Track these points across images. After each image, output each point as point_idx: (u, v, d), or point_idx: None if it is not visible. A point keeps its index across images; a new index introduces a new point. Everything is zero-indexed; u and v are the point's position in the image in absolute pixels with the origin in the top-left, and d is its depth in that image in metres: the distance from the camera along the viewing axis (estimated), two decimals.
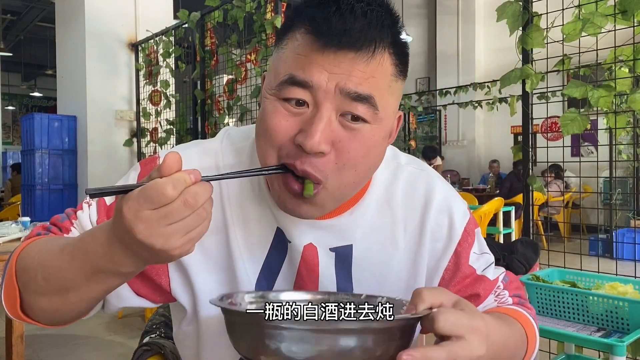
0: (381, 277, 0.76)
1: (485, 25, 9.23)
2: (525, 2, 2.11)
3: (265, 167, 0.64)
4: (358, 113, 0.61)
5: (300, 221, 0.71)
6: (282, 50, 0.65)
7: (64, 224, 0.76)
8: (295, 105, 0.62)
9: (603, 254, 4.94)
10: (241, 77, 3.76)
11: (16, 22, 10.34)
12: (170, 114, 4.76)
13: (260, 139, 0.65)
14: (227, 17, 3.68)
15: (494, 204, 4.39)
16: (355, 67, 0.60)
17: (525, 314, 0.76)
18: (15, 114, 14.30)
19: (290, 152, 0.62)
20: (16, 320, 2.37)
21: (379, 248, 0.76)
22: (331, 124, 0.61)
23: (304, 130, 0.61)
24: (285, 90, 0.62)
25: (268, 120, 0.63)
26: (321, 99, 0.60)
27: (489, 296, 0.79)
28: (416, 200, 0.78)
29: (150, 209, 0.49)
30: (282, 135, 0.62)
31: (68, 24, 5.17)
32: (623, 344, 1.25)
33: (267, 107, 0.64)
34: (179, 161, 0.51)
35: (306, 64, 0.61)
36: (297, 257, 0.74)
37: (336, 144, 0.61)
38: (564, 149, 2.24)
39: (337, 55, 0.60)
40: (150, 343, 0.99)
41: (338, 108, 0.61)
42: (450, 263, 0.77)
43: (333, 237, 0.74)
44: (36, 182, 4.76)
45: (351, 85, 0.60)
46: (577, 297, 1.44)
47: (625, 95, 1.97)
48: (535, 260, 2.12)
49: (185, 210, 0.49)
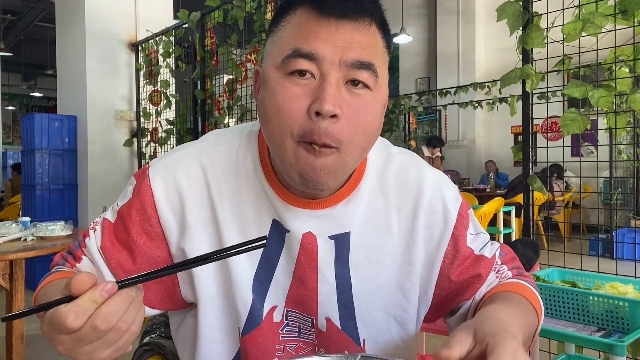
0: (377, 262, 0.78)
1: (486, 25, 9.22)
2: (525, 2, 2.11)
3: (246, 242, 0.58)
4: (361, 79, 0.65)
5: (299, 211, 0.74)
6: (280, 31, 0.69)
7: (76, 252, 0.78)
8: (300, 77, 0.64)
9: (603, 254, 4.94)
10: (241, 77, 3.76)
11: (16, 22, 10.34)
12: (171, 114, 4.76)
13: (272, 121, 0.66)
14: (227, 17, 3.68)
15: (494, 204, 4.38)
16: (354, 38, 0.65)
17: (528, 287, 0.80)
18: (15, 114, 14.30)
19: (306, 128, 0.64)
20: (16, 320, 2.37)
21: (374, 234, 0.78)
22: (340, 91, 0.64)
23: (316, 98, 0.63)
24: (290, 63, 0.64)
25: (279, 98, 0.65)
26: (327, 69, 0.64)
27: (490, 274, 0.82)
28: (409, 186, 0.80)
29: (63, 334, 0.50)
30: (296, 107, 0.64)
31: (68, 24, 5.17)
32: (623, 344, 1.25)
33: (274, 87, 0.66)
34: (90, 278, 0.50)
35: (310, 37, 0.64)
36: (295, 245, 0.75)
37: (345, 109, 0.64)
38: (564, 149, 2.24)
39: (339, 26, 0.64)
40: (150, 343, 0.99)
41: (343, 76, 0.65)
42: (449, 247, 0.80)
43: (332, 225, 0.76)
44: (36, 182, 4.75)
45: (353, 55, 0.64)
46: (577, 297, 1.44)
47: (626, 95, 1.97)
48: (535, 260, 2.12)
49: (97, 335, 0.49)
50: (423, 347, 2.42)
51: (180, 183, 0.76)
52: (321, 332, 0.78)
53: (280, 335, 0.79)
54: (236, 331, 0.77)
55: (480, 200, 5.41)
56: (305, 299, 0.77)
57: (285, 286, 0.77)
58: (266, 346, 0.78)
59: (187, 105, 4.71)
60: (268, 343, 0.78)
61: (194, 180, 0.76)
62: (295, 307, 0.78)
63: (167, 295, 0.78)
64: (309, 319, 0.78)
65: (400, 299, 0.80)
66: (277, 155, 0.68)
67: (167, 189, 0.76)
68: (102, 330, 0.49)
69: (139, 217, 0.76)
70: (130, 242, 0.75)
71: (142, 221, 0.75)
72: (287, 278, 0.76)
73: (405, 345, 0.82)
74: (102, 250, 0.76)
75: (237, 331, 0.77)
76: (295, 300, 0.77)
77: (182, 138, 4.86)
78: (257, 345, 0.77)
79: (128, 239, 0.75)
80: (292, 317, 0.78)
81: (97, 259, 0.76)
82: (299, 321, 0.79)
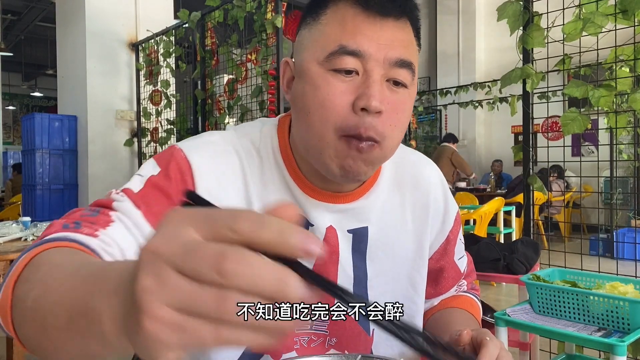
0: (392, 256, 0.81)
1: (486, 25, 9.22)
2: (525, 1, 2.11)
3: None
4: (401, 78, 0.67)
5: (321, 205, 0.75)
6: (321, 25, 0.69)
7: (95, 217, 0.63)
8: (345, 74, 0.66)
9: (604, 254, 4.94)
10: (242, 76, 3.76)
11: (17, 22, 10.34)
12: (171, 113, 4.76)
13: (312, 115, 0.67)
14: (228, 16, 3.68)
15: (494, 203, 4.38)
16: (397, 36, 0.67)
17: (474, 301, 0.92)
18: (15, 113, 14.30)
19: (351, 122, 0.65)
20: None
21: (391, 228, 0.81)
22: (382, 87, 0.66)
23: (362, 94, 0.65)
24: (336, 60, 0.65)
25: (322, 92, 0.66)
26: (372, 66, 0.65)
27: (452, 288, 0.92)
28: (422, 184, 0.85)
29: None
30: (340, 102, 0.65)
31: (68, 24, 5.17)
32: (624, 344, 1.25)
33: (317, 81, 0.66)
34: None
35: (356, 34, 0.65)
36: (319, 239, 0.74)
37: (386, 106, 0.66)
38: (564, 149, 2.23)
39: (383, 25, 0.66)
40: None
41: (385, 74, 0.66)
42: (441, 247, 0.88)
43: (351, 219, 0.78)
44: (37, 182, 4.76)
45: (396, 53, 0.66)
46: (578, 296, 1.44)
47: (626, 94, 1.97)
48: (535, 260, 2.12)
49: (231, 297, 0.28)
50: None
51: (218, 163, 0.73)
52: (334, 322, 0.79)
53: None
54: None
55: (480, 200, 5.41)
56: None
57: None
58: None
59: (187, 105, 4.71)
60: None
61: (230, 164, 0.74)
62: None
63: None
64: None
65: (410, 291, 0.84)
66: (314, 148, 0.69)
67: (204, 164, 0.71)
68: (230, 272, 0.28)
69: (177, 184, 0.69)
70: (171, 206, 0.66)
71: (181, 187, 0.69)
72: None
73: None
74: (145, 216, 0.65)
75: None
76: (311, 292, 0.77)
77: (183, 138, 4.86)
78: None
79: (169, 203, 0.67)
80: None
81: (140, 222, 0.64)
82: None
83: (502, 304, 3.87)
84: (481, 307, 0.95)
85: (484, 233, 4.29)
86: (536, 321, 1.47)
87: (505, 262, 2.04)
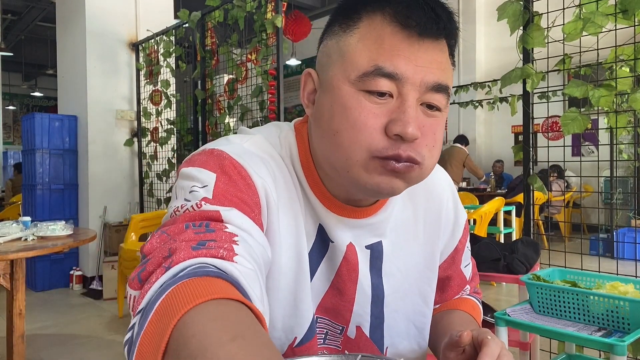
0: (404, 270, 0.80)
1: (486, 25, 9.22)
2: (525, 1, 2.11)
3: None
4: (436, 103, 0.64)
5: (340, 220, 0.73)
6: (353, 39, 0.64)
7: (218, 243, 0.54)
8: (378, 97, 0.62)
9: (604, 254, 4.94)
10: (242, 76, 3.76)
11: (17, 21, 10.34)
12: (171, 113, 4.76)
13: (340, 136, 0.63)
14: (228, 16, 3.68)
15: (494, 203, 4.38)
16: (434, 58, 0.62)
17: (476, 304, 0.91)
18: (16, 113, 14.30)
19: (385, 144, 0.61)
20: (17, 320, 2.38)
21: (404, 242, 0.80)
22: (417, 112, 0.63)
23: (396, 119, 0.61)
24: (370, 81, 0.61)
25: (354, 113, 0.62)
26: (408, 90, 0.61)
27: (457, 295, 0.91)
28: (434, 195, 0.83)
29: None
30: (372, 124, 0.61)
31: (69, 24, 5.17)
32: (624, 344, 1.25)
33: (348, 101, 0.62)
34: None
35: (393, 56, 0.61)
36: (339, 256, 0.74)
37: (421, 130, 0.63)
38: (564, 149, 2.23)
39: (421, 45, 0.62)
40: None
41: (420, 98, 0.63)
42: (449, 256, 0.87)
43: (368, 234, 0.76)
44: (37, 182, 4.76)
45: (434, 77, 0.62)
46: (578, 296, 1.44)
47: (626, 94, 1.97)
48: (535, 259, 2.12)
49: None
50: None
51: (264, 174, 0.68)
52: (349, 339, 0.78)
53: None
54: (289, 340, 0.74)
55: (480, 200, 5.41)
56: (339, 308, 0.76)
57: (319, 293, 0.75)
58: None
59: (187, 105, 4.71)
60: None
61: (269, 174, 0.70)
62: (326, 314, 0.76)
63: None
64: (339, 327, 0.78)
65: (420, 305, 0.83)
66: (341, 168, 0.65)
67: (255, 172, 0.67)
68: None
69: (241, 186, 0.64)
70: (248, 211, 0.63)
71: (245, 189, 0.64)
72: (324, 285, 0.74)
73: (420, 350, 0.85)
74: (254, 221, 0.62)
75: (290, 340, 0.74)
76: (328, 308, 0.76)
77: (183, 138, 4.87)
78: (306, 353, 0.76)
79: (246, 208, 0.63)
80: (320, 323, 0.77)
81: (249, 228, 0.60)
82: (327, 328, 0.78)
83: (502, 304, 3.87)
84: (482, 310, 0.95)
85: (484, 233, 4.29)
86: (536, 321, 1.47)
87: (506, 262, 2.04)
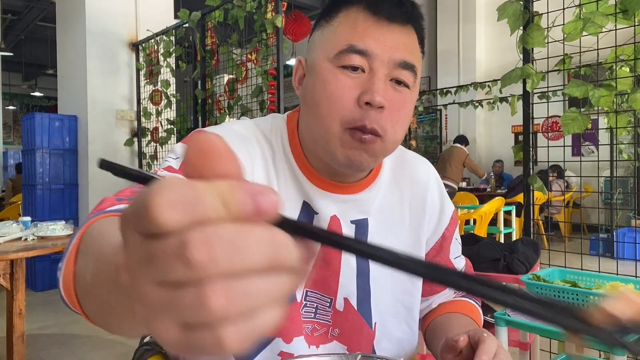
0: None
1: (486, 25, 9.21)
2: (525, 1, 2.11)
3: None
4: (403, 78, 0.73)
5: (326, 195, 0.80)
6: (333, 26, 0.75)
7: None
8: (352, 71, 0.71)
9: (604, 254, 4.93)
10: (242, 76, 3.76)
11: (17, 21, 10.34)
12: (171, 113, 4.76)
13: (320, 107, 0.72)
14: (228, 16, 3.68)
15: (494, 203, 4.38)
16: (401, 40, 0.73)
17: (474, 306, 0.94)
18: (16, 113, 14.30)
19: (356, 115, 0.70)
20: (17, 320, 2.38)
21: (390, 223, 0.86)
22: (386, 86, 0.72)
23: (367, 90, 0.70)
24: (344, 57, 0.71)
25: (331, 86, 0.72)
26: (377, 65, 0.71)
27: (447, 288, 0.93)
28: (420, 183, 0.90)
29: (139, 254, 0.25)
30: (347, 96, 0.71)
31: (69, 24, 5.17)
32: None
33: (327, 76, 0.72)
34: (228, 150, 0.26)
35: (365, 36, 0.71)
36: (323, 227, 0.80)
37: (389, 102, 0.72)
38: (564, 149, 2.23)
39: (389, 29, 0.72)
40: (151, 342, 0.99)
41: (388, 74, 0.72)
42: (437, 243, 0.92)
43: (353, 210, 0.83)
44: (37, 182, 4.76)
45: (400, 55, 0.72)
46: (578, 296, 1.44)
47: (626, 94, 1.97)
48: (535, 259, 2.12)
49: (181, 267, 0.22)
50: (423, 347, 2.42)
51: (243, 150, 0.78)
52: (338, 313, 0.83)
53: (301, 315, 0.82)
54: None
55: (480, 200, 5.41)
56: (327, 280, 0.82)
57: None
58: (293, 323, 0.80)
59: (187, 105, 4.71)
60: (295, 320, 0.81)
61: (254, 151, 0.79)
62: (315, 287, 0.82)
63: None
64: (328, 299, 0.83)
65: (408, 284, 0.88)
66: (321, 139, 0.74)
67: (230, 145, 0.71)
68: (192, 262, 0.22)
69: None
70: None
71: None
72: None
73: (411, 331, 0.89)
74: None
75: None
76: (316, 280, 0.82)
77: (183, 137, 4.86)
78: (289, 320, 0.80)
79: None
80: (310, 297, 0.82)
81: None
82: (317, 301, 0.83)
83: None
84: (481, 312, 0.96)
85: (484, 233, 4.28)
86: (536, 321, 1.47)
87: (506, 262, 2.04)
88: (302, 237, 0.26)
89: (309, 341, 0.81)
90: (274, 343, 0.79)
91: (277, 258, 0.23)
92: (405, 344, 0.89)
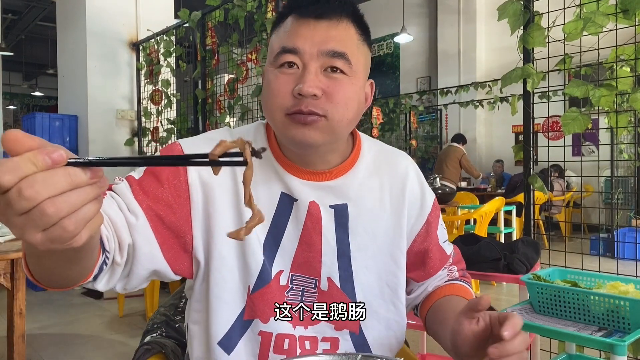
0: (372, 234, 0.91)
1: (487, 25, 9.21)
2: (526, 1, 2.11)
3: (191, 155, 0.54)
4: (337, 65, 0.79)
5: (305, 183, 0.87)
6: (272, 37, 0.85)
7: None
8: (287, 67, 0.80)
9: (604, 254, 4.94)
10: (242, 76, 3.76)
11: (17, 21, 10.34)
12: (171, 113, 4.76)
13: (267, 102, 0.82)
14: (228, 16, 3.67)
15: (494, 203, 4.38)
16: (330, 33, 0.80)
17: (469, 290, 0.99)
18: (16, 113, 14.30)
19: (292, 103, 0.78)
20: (18, 320, 2.38)
21: (370, 209, 0.91)
22: (318, 76, 0.79)
23: (299, 83, 0.78)
24: (279, 58, 0.80)
25: (272, 85, 0.81)
26: (307, 60, 0.79)
27: (441, 269, 1.00)
28: (399, 172, 0.96)
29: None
30: (283, 90, 0.79)
31: (69, 24, 5.17)
32: (624, 344, 1.25)
33: (269, 77, 0.82)
34: (32, 139, 0.42)
35: (293, 36, 0.80)
36: (303, 212, 0.87)
37: (325, 90, 0.79)
38: (565, 149, 2.23)
39: (316, 25, 0.80)
40: (151, 342, 0.99)
41: (321, 65, 0.79)
42: (422, 229, 0.97)
43: (331, 196, 0.88)
44: None
45: (329, 47, 0.79)
46: (578, 296, 1.44)
47: (627, 94, 1.97)
48: (536, 259, 2.12)
49: (22, 205, 0.41)
50: (424, 347, 2.42)
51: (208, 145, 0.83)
52: (323, 292, 0.89)
53: (285, 298, 0.87)
54: (245, 289, 0.85)
55: (480, 200, 5.41)
56: (310, 261, 0.87)
57: (291, 252, 0.87)
58: (267, 305, 0.86)
59: (187, 104, 4.71)
60: (276, 301, 0.86)
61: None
62: (299, 271, 0.88)
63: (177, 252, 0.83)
64: (313, 280, 0.89)
65: (391, 265, 0.93)
66: (275, 128, 0.84)
67: (195, 144, 0.87)
68: (26, 197, 0.40)
69: (170, 172, 0.83)
70: (160, 192, 0.81)
71: (173, 177, 0.83)
72: (293, 244, 0.87)
73: (397, 310, 0.94)
74: (134, 194, 0.80)
75: (246, 289, 0.85)
76: (300, 264, 0.88)
77: (183, 137, 4.85)
78: (265, 302, 0.85)
79: (158, 188, 0.81)
80: (296, 280, 0.88)
81: (125, 192, 0.79)
82: (303, 284, 0.88)
83: (502, 304, 3.87)
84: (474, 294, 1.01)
85: (484, 233, 4.28)
86: (537, 321, 1.47)
87: (506, 261, 2.04)
88: (88, 167, 0.44)
89: (294, 322, 0.87)
90: (253, 324, 0.85)
91: (74, 179, 0.42)
92: (393, 323, 0.94)
